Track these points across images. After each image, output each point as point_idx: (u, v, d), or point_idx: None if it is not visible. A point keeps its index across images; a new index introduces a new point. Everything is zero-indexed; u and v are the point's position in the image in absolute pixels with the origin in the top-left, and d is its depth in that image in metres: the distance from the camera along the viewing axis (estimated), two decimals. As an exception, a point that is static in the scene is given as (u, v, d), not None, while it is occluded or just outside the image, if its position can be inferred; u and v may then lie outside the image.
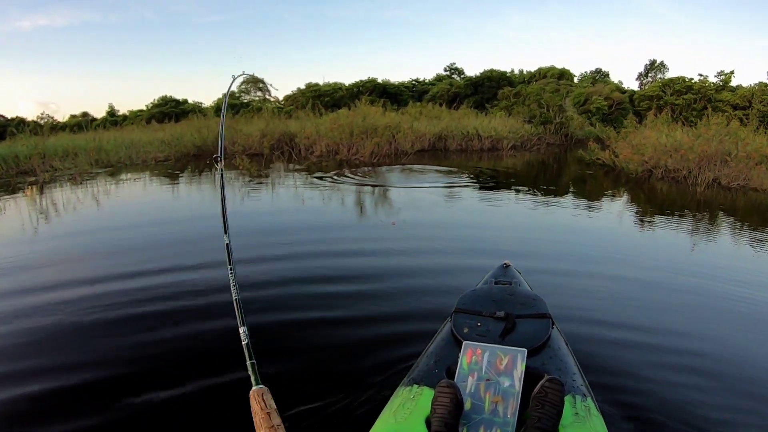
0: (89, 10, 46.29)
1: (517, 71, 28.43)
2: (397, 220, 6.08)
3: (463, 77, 28.98)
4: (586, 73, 30.00)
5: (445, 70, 31.60)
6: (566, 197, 8.23)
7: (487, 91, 25.08)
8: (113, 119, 25.63)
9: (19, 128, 13.99)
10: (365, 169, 11.40)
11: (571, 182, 10.26)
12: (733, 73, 21.55)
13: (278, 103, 27.50)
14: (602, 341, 2.87)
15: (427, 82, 29.71)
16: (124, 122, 23.94)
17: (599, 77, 28.98)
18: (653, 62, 31.18)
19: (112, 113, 27.62)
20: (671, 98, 20.97)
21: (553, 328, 2.00)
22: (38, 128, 14.34)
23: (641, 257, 4.79)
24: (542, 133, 17.80)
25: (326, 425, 2.10)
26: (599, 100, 21.08)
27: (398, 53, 55.03)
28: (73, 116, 25.96)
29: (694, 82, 21.59)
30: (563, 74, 26.10)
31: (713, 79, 21.79)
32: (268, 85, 29.52)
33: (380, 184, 9.45)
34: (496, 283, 2.45)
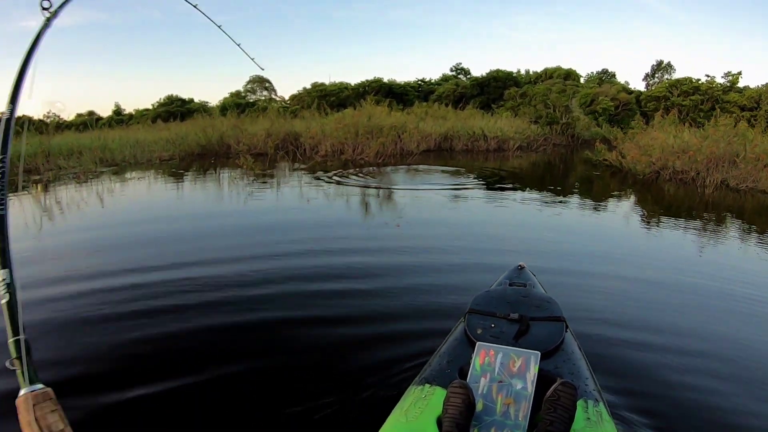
0: (95, 9, 46.59)
1: (523, 72, 28.42)
2: (401, 222, 6.00)
3: (469, 77, 28.95)
4: (592, 73, 29.81)
5: (451, 70, 31.62)
6: (575, 199, 8.15)
7: (493, 91, 25.05)
8: (119, 118, 25.71)
9: (23, 126, 13.98)
10: (370, 169, 11.35)
11: (579, 183, 10.17)
12: (740, 74, 21.54)
13: (284, 102, 27.54)
14: (615, 345, 2.82)
15: (433, 82, 29.63)
16: (130, 121, 24.02)
17: (606, 78, 28.78)
18: (660, 63, 30.95)
19: (118, 112, 27.74)
20: (678, 99, 20.85)
21: (566, 331, 1.98)
22: (44, 127, 14.38)
23: (653, 260, 4.72)
24: (548, 133, 17.72)
25: (337, 423, 2.10)
26: (606, 100, 20.99)
27: (404, 53, 55.04)
28: (79, 115, 26.10)
29: (701, 83, 21.47)
30: (569, 75, 25.98)
31: (720, 80, 21.74)
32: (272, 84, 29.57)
33: (385, 184, 9.39)
34: (510, 284, 2.43)
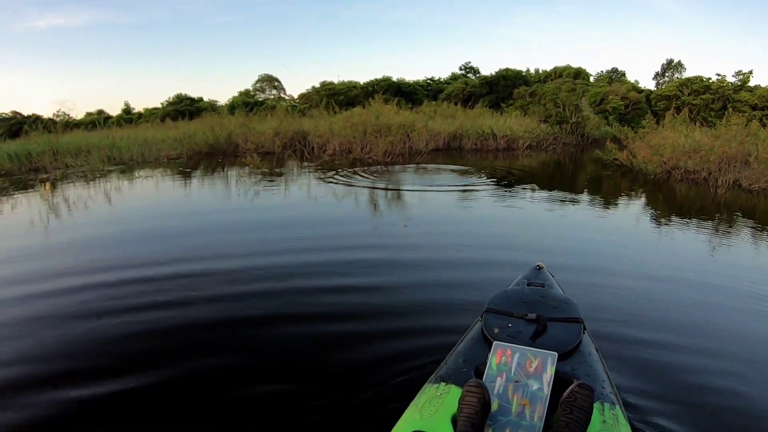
0: (104, 10, 46.98)
1: (532, 70, 28.18)
2: (411, 221, 5.86)
3: (478, 76, 28.72)
4: (602, 72, 29.40)
5: (460, 69, 31.40)
6: (588, 199, 8.04)
7: (502, 90, 24.86)
8: (128, 117, 25.77)
9: (33, 126, 14.02)
10: (378, 167, 11.21)
11: (590, 183, 9.99)
12: (751, 73, 21.13)
13: (293, 101, 27.48)
14: (633, 348, 2.75)
15: (442, 81, 29.45)
16: (139, 120, 24.06)
17: (615, 76, 28.42)
18: (670, 61, 30.40)
19: (127, 111, 27.87)
20: (689, 98, 20.51)
21: (584, 333, 1.96)
22: (52, 126, 14.40)
23: (670, 262, 4.57)
24: (558, 132, 17.50)
25: (351, 420, 2.10)
26: (616, 99, 20.73)
27: (413, 52, 54.81)
28: (88, 114, 26.25)
29: (711, 81, 21.11)
30: (579, 73, 25.66)
31: (731, 79, 21.36)
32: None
33: (394, 183, 9.23)
34: (528, 284, 2.41)
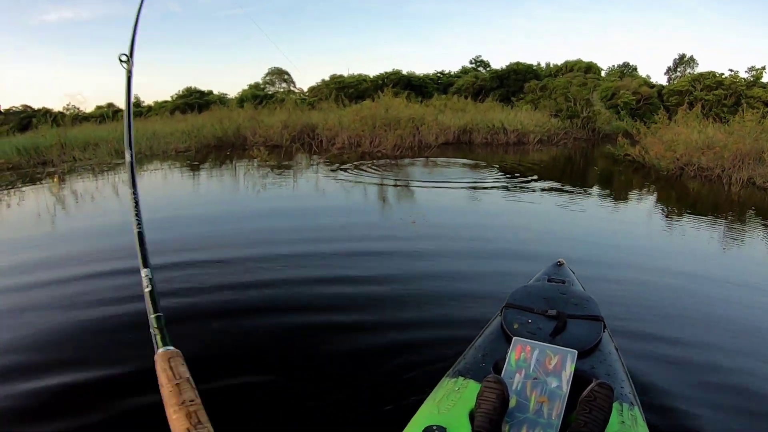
0: (113, 3, 46.96)
1: (543, 64, 27.78)
2: (419, 217, 5.73)
3: (488, 70, 28.34)
4: (613, 66, 28.94)
5: (470, 62, 30.98)
6: (600, 194, 7.91)
7: (513, 84, 24.58)
8: (138, 110, 25.79)
9: (42, 119, 14.02)
10: (387, 161, 11.07)
11: (603, 179, 9.83)
12: (764, 68, 20.82)
13: (302, 94, 27.37)
14: (652, 348, 2.68)
15: (452, 74, 29.12)
16: (148, 113, 24.09)
17: (627, 71, 27.96)
18: (682, 56, 29.85)
19: (137, 104, 27.86)
20: (701, 93, 20.16)
21: (604, 331, 1.93)
22: (62, 119, 14.39)
23: (689, 259, 4.49)
24: (569, 127, 17.32)
25: (368, 413, 2.11)
26: (627, 94, 20.47)
27: (423, 45, 54.11)
28: (99, 107, 26.28)
29: (724, 77, 20.80)
30: (590, 68, 25.29)
31: (744, 74, 21.07)
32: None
33: (403, 177, 9.10)
34: (549, 280, 2.39)
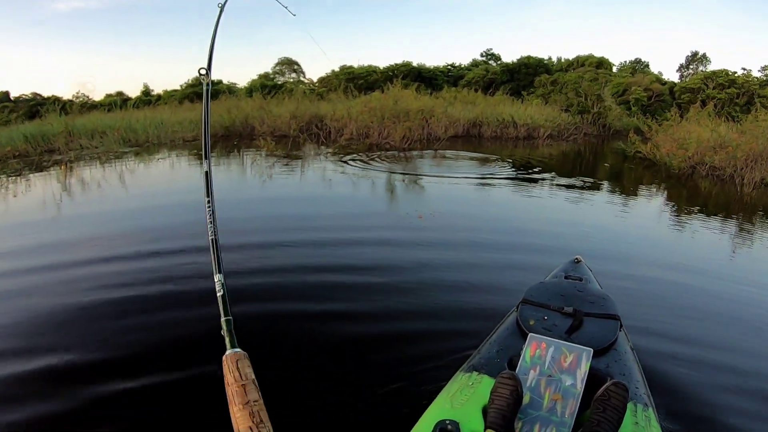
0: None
1: (554, 59, 27.33)
2: (427, 212, 5.62)
3: (499, 63, 28.01)
4: (625, 62, 28.57)
5: (481, 55, 30.61)
6: (612, 191, 7.78)
7: (523, 78, 24.29)
8: (147, 99, 25.75)
9: (51, 107, 14.00)
10: (395, 153, 10.96)
11: (613, 176, 9.66)
12: (778, 67, 20.31)
13: (312, 85, 27.24)
14: (669, 349, 2.65)
15: (462, 67, 28.81)
16: (157, 102, 24.04)
17: (639, 67, 27.55)
18: (695, 54, 29.29)
19: (146, 93, 27.86)
20: (713, 92, 19.76)
21: (620, 330, 1.91)
22: (70, 107, 14.35)
23: (706, 260, 4.42)
24: (579, 122, 17.08)
25: (381, 406, 2.11)
26: (639, 90, 20.09)
27: (434, 38, 53.64)
28: (108, 96, 26.29)
29: (737, 76, 20.34)
30: (602, 63, 24.87)
31: (757, 73, 20.70)
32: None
33: (411, 170, 8.99)
34: (566, 277, 2.37)
